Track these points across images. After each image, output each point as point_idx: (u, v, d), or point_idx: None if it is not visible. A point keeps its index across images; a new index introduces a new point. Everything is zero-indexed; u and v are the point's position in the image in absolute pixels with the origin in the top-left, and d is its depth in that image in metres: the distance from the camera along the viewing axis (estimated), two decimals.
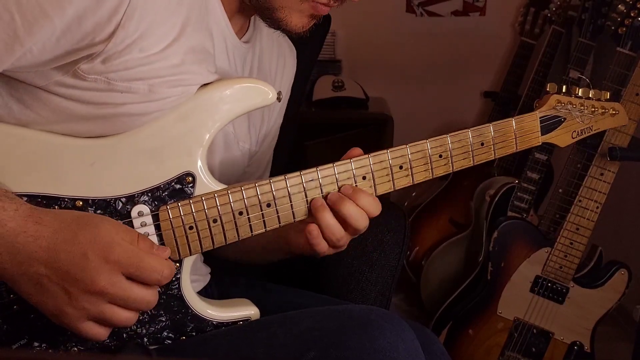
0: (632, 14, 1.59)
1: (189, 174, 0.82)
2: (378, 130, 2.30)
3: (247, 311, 0.89)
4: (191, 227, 0.82)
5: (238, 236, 0.84)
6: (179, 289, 0.85)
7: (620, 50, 1.60)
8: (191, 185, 0.82)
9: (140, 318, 0.83)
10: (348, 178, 0.85)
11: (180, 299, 0.85)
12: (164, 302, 0.84)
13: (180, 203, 0.81)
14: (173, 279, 0.83)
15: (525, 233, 1.71)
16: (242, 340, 0.84)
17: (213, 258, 1.05)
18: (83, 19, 0.72)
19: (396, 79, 2.64)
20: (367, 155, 0.86)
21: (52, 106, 0.77)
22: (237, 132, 0.97)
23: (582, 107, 0.95)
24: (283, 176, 0.84)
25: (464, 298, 1.86)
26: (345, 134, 2.30)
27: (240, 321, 0.88)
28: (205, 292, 1.01)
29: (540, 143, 0.94)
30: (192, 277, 0.89)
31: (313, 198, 0.85)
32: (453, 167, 0.89)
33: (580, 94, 0.95)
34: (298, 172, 0.84)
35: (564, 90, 0.96)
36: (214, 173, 0.87)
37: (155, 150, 0.81)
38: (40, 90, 0.77)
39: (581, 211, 1.62)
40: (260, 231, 0.84)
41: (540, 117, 0.94)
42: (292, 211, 0.84)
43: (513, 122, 0.92)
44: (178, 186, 0.81)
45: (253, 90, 0.84)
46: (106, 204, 0.79)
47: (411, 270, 2.30)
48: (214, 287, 1.05)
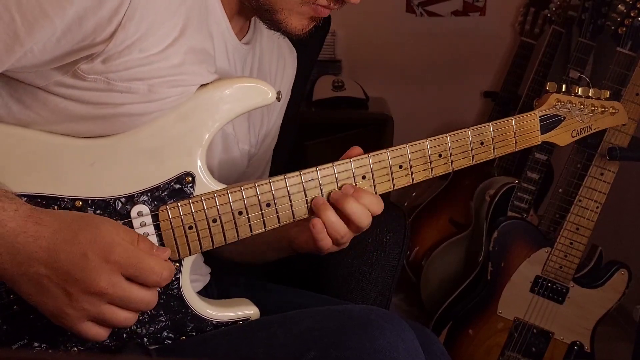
0: (632, 14, 1.59)
1: (189, 174, 0.82)
2: (378, 130, 2.29)
3: (247, 311, 0.89)
4: (191, 227, 0.82)
5: (238, 236, 0.83)
6: (179, 289, 0.85)
7: (620, 50, 1.60)
8: (191, 185, 0.82)
9: (140, 318, 0.83)
10: (348, 178, 0.85)
11: (180, 299, 0.85)
12: (164, 302, 0.84)
13: (179, 203, 0.81)
14: (173, 279, 0.83)
15: (525, 233, 1.71)
16: (242, 340, 0.84)
17: (213, 258, 1.05)
18: (84, 19, 0.72)
19: (396, 79, 2.64)
20: (367, 154, 0.86)
21: (52, 106, 0.77)
22: (237, 133, 0.97)
23: (582, 106, 0.95)
24: (282, 176, 0.83)
25: (464, 298, 1.86)
26: (345, 134, 2.30)
27: (240, 321, 0.88)
28: (205, 292, 1.01)
29: (539, 142, 0.94)
30: (192, 277, 0.89)
31: (314, 197, 0.85)
32: (453, 167, 0.89)
33: (579, 93, 0.95)
34: (297, 172, 0.84)
35: (564, 89, 0.96)
36: (214, 173, 0.87)
37: (155, 150, 0.81)
38: (40, 90, 0.77)
39: (581, 211, 1.62)
40: (259, 231, 0.84)
41: (539, 116, 0.94)
42: (292, 211, 0.84)
43: (513, 122, 0.92)
44: (177, 186, 0.81)
45: (253, 89, 0.84)
46: (106, 204, 0.79)
47: (411, 270, 2.30)
48: (214, 287, 1.05)
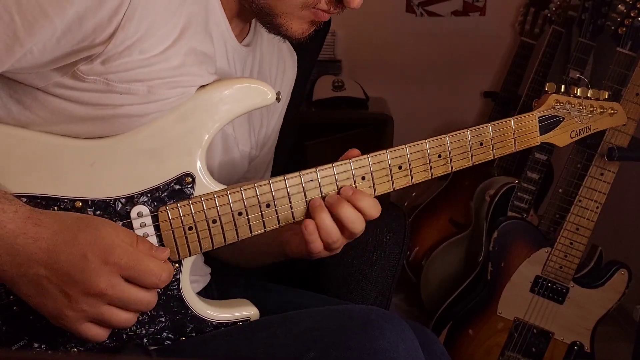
0: (632, 14, 1.59)
1: (189, 175, 0.82)
2: (378, 130, 2.29)
3: (247, 311, 0.89)
4: (190, 228, 0.82)
5: (237, 237, 0.84)
6: (179, 290, 0.85)
7: (620, 50, 1.60)
8: (190, 185, 0.82)
9: (139, 319, 0.83)
10: (347, 178, 0.85)
11: (179, 300, 0.85)
12: (164, 303, 0.84)
13: (179, 204, 0.81)
14: (173, 280, 0.83)
15: (525, 233, 1.71)
16: (242, 340, 0.84)
17: (213, 258, 1.05)
18: (84, 20, 0.72)
19: (396, 79, 2.64)
20: (366, 155, 0.86)
21: (51, 107, 0.77)
22: (237, 135, 0.97)
23: (581, 107, 0.95)
24: (282, 176, 0.83)
25: (464, 298, 1.86)
26: (345, 134, 2.30)
27: (240, 321, 0.88)
28: (205, 293, 1.01)
29: (539, 143, 0.94)
30: (192, 278, 0.89)
31: (311, 198, 0.85)
32: (452, 167, 0.89)
33: (578, 94, 0.95)
34: (297, 173, 0.84)
35: (563, 90, 0.96)
36: (214, 175, 0.87)
37: (154, 150, 0.81)
38: (39, 91, 0.77)
39: (581, 211, 1.62)
40: (259, 232, 0.84)
41: (538, 117, 0.94)
42: (292, 211, 0.84)
43: (512, 122, 0.92)
44: (177, 187, 0.81)
45: (252, 90, 0.84)
46: (105, 205, 0.79)
47: (411, 270, 2.30)
48: (214, 288, 1.05)
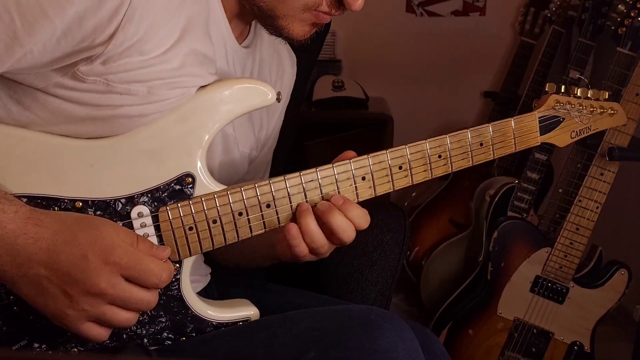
0: (632, 14, 1.59)
1: (189, 175, 0.82)
2: (378, 130, 2.29)
3: (247, 311, 0.89)
4: (191, 228, 0.82)
5: (238, 237, 0.84)
6: (179, 290, 0.85)
7: (620, 50, 1.60)
8: (191, 186, 0.82)
9: (140, 319, 0.83)
10: (347, 178, 0.85)
11: (180, 300, 0.85)
12: (164, 303, 0.84)
13: (179, 204, 0.81)
14: (173, 280, 0.83)
15: (525, 233, 1.71)
16: (242, 340, 0.84)
17: (213, 260, 1.05)
18: (83, 20, 0.72)
19: (396, 79, 2.64)
20: (367, 155, 0.86)
21: (51, 108, 0.77)
22: (238, 135, 0.97)
23: (581, 107, 0.95)
24: (282, 177, 0.83)
25: (464, 298, 1.86)
26: (345, 134, 2.30)
27: (240, 321, 0.88)
28: (205, 293, 1.01)
29: (539, 143, 0.94)
30: (193, 278, 0.89)
31: (299, 203, 0.84)
32: (452, 168, 0.89)
33: (578, 94, 0.95)
34: (297, 173, 0.84)
35: (563, 90, 0.96)
36: (214, 175, 0.87)
37: (155, 151, 0.81)
38: (39, 91, 0.77)
39: (581, 211, 1.62)
40: (260, 232, 0.84)
41: (539, 117, 0.94)
42: (292, 212, 0.84)
43: (512, 123, 0.92)
44: (178, 187, 0.81)
45: (252, 90, 0.84)
46: (106, 205, 0.79)
47: (411, 270, 2.30)
48: (214, 288, 1.05)
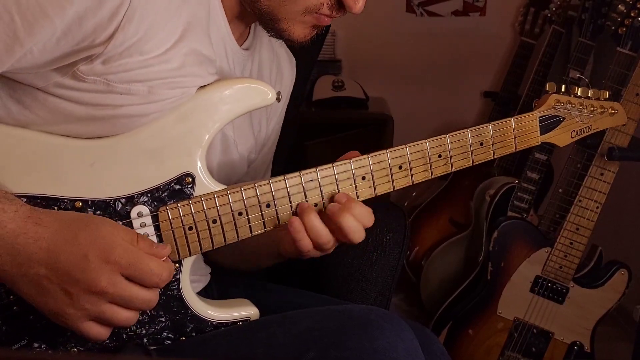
0: (632, 14, 1.59)
1: (189, 175, 0.82)
2: (378, 130, 2.29)
3: (247, 311, 0.89)
4: (191, 228, 0.82)
5: (237, 237, 0.83)
6: (179, 290, 0.85)
7: (620, 50, 1.60)
8: (191, 186, 0.82)
9: (140, 319, 0.83)
10: (347, 178, 0.85)
11: (179, 300, 0.85)
12: (164, 303, 0.84)
13: (179, 204, 0.81)
14: (173, 280, 0.83)
15: (525, 233, 1.71)
16: (242, 340, 0.84)
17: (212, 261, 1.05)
18: (83, 20, 0.72)
19: (396, 79, 2.64)
20: (367, 155, 0.86)
21: (51, 107, 0.77)
22: (237, 137, 0.97)
23: (581, 107, 0.95)
24: (282, 176, 0.83)
25: (464, 298, 1.86)
26: (345, 134, 2.30)
27: (239, 321, 0.88)
28: (205, 293, 1.01)
29: (539, 143, 0.94)
30: (193, 278, 0.89)
31: (299, 202, 0.84)
32: (452, 167, 0.89)
33: (579, 94, 0.95)
34: (297, 173, 0.84)
35: (563, 89, 0.96)
36: (213, 176, 0.87)
37: (155, 150, 0.81)
38: (39, 91, 0.77)
39: (581, 211, 1.62)
40: (259, 232, 0.84)
41: (539, 117, 0.94)
42: (292, 212, 0.84)
43: (512, 122, 0.92)
44: (177, 187, 0.81)
45: (252, 90, 0.84)
46: (105, 205, 0.79)
47: (411, 270, 2.30)
48: (214, 287, 1.05)
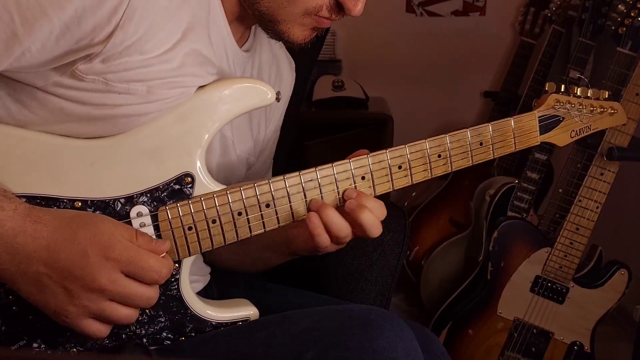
0: (632, 14, 1.59)
1: (188, 175, 0.82)
2: (378, 130, 2.29)
3: (247, 311, 0.89)
4: (190, 228, 0.82)
5: (237, 237, 0.83)
6: (178, 290, 0.84)
7: (620, 50, 1.60)
8: (190, 185, 0.82)
9: (139, 319, 0.83)
10: (347, 178, 0.85)
11: (179, 300, 0.85)
12: (163, 303, 0.84)
13: (179, 204, 0.81)
14: (172, 280, 0.83)
15: (525, 233, 1.71)
16: (241, 340, 0.84)
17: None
18: (83, 19, 0.72)
19: (396, 79, 2.64)
20: (366, 155, 0.86)
21: (50, 107, 0.77)
22: (235, 138, 0.97)
23: (581, 107, 0.95)
24: (282, 176, 0.83)
25: (464, 298, 1.86)
26: (345, 134, 2.30)
27: (239, 321, 0.88)
28: (205, 293, 1.01)
29: (539, 143, 0.94)
30: (193, 278, 0.89)
31: (312, 199, 0.84)
32: (452, 167, 0.89)
33: (578, 94, 0.95)
34: (297, 173, 0.84)
35: (563, 89, 0.96)
36: (212, 176, 0.86)
37: (154, 150, 0.81)
38: (38, 90, 0.77)
39: (581, 211, 1.62)
40: (259, 232, 0.84)
41: (538, 117, 0.94)
42: (291, 211, 0.84)
43: (512, 122, 0.92)
44: (177, 187, 0.81)
45: (252, 90, 0.84)
46: (105, 205, 0.79)
47: (411, 270, 2.30)
48: (214, 287, 1.05)
